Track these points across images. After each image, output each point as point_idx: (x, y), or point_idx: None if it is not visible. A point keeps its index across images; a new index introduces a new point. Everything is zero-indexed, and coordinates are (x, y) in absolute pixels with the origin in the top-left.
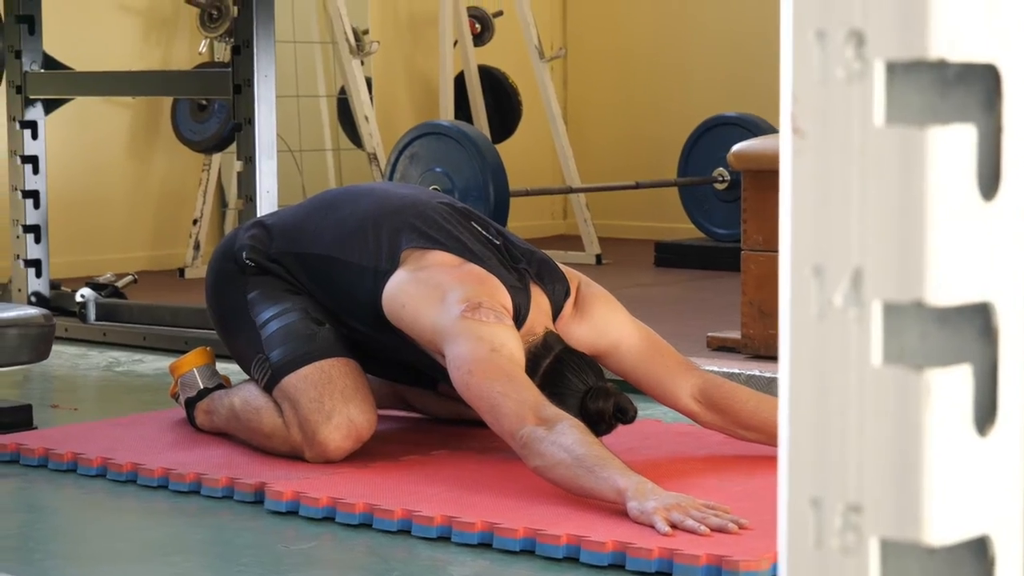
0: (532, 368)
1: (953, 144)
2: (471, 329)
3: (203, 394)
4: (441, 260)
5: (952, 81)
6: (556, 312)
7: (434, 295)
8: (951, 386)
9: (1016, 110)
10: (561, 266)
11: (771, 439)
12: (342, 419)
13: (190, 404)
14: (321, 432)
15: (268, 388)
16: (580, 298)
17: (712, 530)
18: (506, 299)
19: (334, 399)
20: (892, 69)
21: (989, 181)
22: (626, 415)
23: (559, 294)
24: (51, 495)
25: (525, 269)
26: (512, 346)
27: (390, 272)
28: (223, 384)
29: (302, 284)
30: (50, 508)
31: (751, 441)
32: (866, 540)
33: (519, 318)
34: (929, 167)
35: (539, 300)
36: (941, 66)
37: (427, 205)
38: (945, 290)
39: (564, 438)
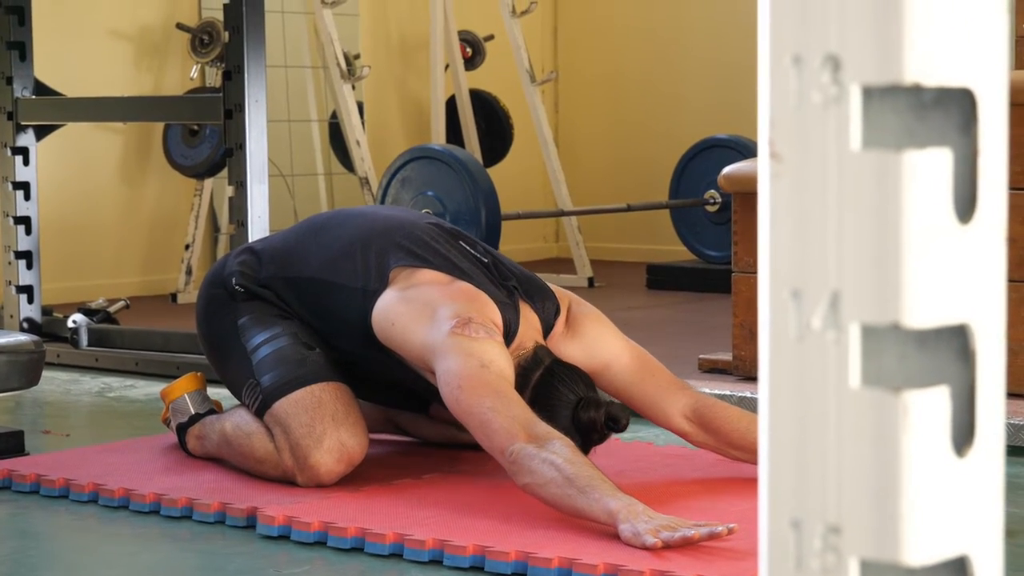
0: (522, 382)
1: (929, 167)
2: (461, 345)
3: (194, 419)
4: (430, 278)
5: (928, 105)
6: (547, 330)
7: (424, 312)
8: (929, 407)
9: (992, 133)
10: (552, 286)
11: None
12: (333, 443)
13: (181, 430)
14: (312, 456)
15: (259, 413)
16: (571, 317)
17: (702, 537)
18: (496, 315)
19: (325, 423)
20: (868, 93)
21: (965, 204)
22: (618, 423)
23: (549, 311)
24: (43, 521)
25: (514, 287)
26: (502, 363)
27: (379, 292)
28: (214, 409)
29: (292, 308)
30: (42, 534)
31: (742, 461)
32: (846, 561)
33: (509, 334)
34: (905, 190)
35: (528, 317)
36: (917, 90)
37: (415, 225)
38: (922, 312)
39: (555, 456)
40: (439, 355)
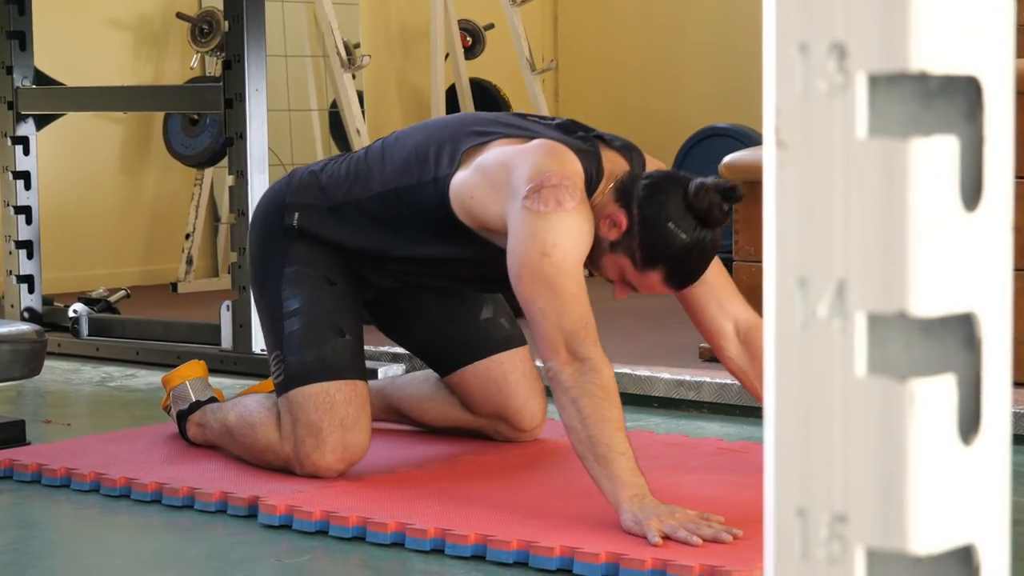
0: (625, 199)
1: (935, 155)
2: (528, 223)
3: (195, 407)
4: (503, 143)
5: (934, 93)
6: None
7: (499, 177)
8: (935, 396)
9: (998, 121)
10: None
11: None
12: (336, 445)
13: (182, 417)
14: (314, 456)
15: (279, 390)
16: None
17: (705, 540)
18: (575, 165)
19: (332, 426)
20: (874, 81)
21: (971, 192)
22: (734, 192)
23: (637, 163)
24: (44, 511)
25: (595, 136)
26: (568, 243)
27: (452, 175)
28: (215, 398)
29: (361, 238)
30: (44, 524)
31: (761, 402)
32: (852, 550)
33: (591, 183)
34: (912, 178)
35: (614, 160)
36: (923, 78)
37: (481, 115)
38: (928, 301)
39: (584, 400)
40: (511, 230)
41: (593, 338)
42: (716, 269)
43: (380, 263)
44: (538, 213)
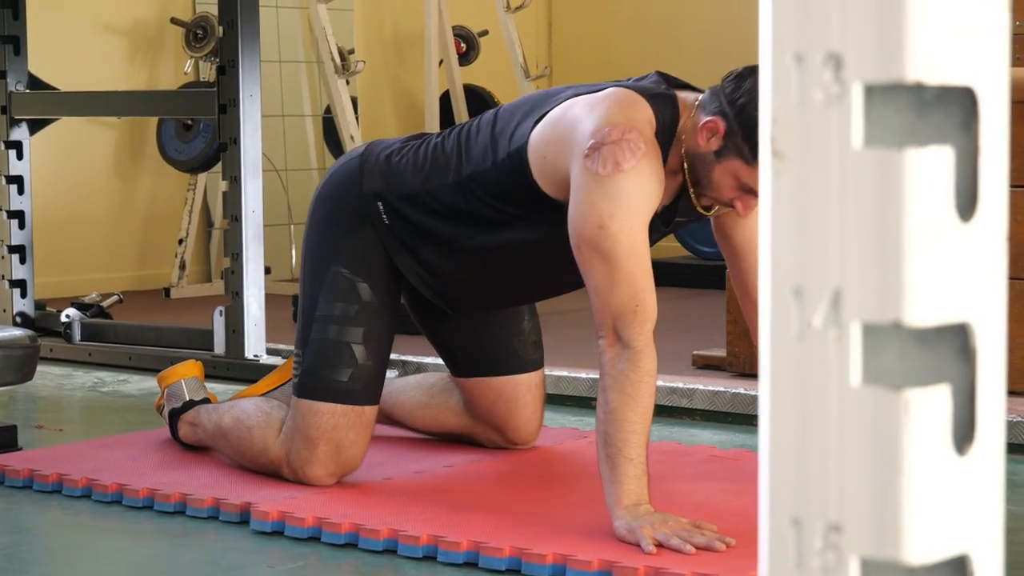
0: (713, 104)
1: (931, 166)
2: (587, 189)
3: (188, 406)
4: (573, 96)
5: (930, 103)
6: None
7: (566, 131)
8: (930, 406)
9: (993, 132)
10: None
11: None
12: (329, 463)
13: (174, 415)
14: (306, 467)
15: (294, 389)
16: None
17: (698, 548)
18: (644, 112)
19: (330, 447)
20: (870, 92)
21: (967, 202)
22: None
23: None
24: (36, 516)
25: (671, 80)
26: (625, 211)
27: (528, 141)
28: (208, 399)
29: (428, 228)
30: (35, 529)
31: None
32: (846, 559)
33: (664, 127)
34: (907, 189)
35: (691, 98)
36: (919, 89)
37: (558, 88)
38: (923, 311)
39: (611, 393)
40: (572, 188)
41: (642, 322)
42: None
43: (452, 253)
44: (597, 176)
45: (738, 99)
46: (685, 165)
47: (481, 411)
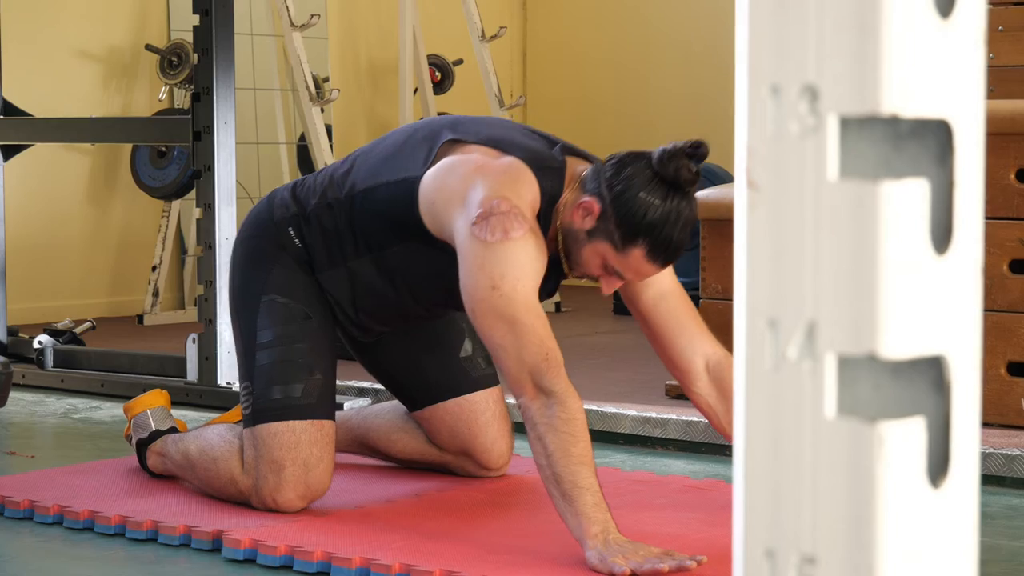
0: (592, 183)
1: (906, 198)
2: (476, 254)
3: (155, 436)
4: (474, 150)
5: (905, 136)
6: None
7: (460, 189)
8: (904, 438)
9: (968, 165)
10: None
11: None
12: (299, 484)
13: (142, 445)
14: (275, 493)
15: (245, 421)
16: None
17: (672, 569)
18: (532, 189)
19: (296, 465)
20: (845, 124)
21: (942, 235)
22: (700, 148)
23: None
24: (7, 543)
25: (566, 147)
26: (516, 273)
27: (426, 172)
28: (176, 428)
29: (339, 246)
30: (6, 556)
31: (727, 437)
32: None
33: (547, 204)
34: (882, 221)
35: (581, 165)
36: (894, 121)
37: (465, 117)
38: (898, 343)
39: (549, 437)
40: (460, 256)
41: (556, 369)
42: (685, 304)
43: (349, 271)
44: (486, 243)
45: (616, 185)
46: (559, 237)
47: (444, 439)
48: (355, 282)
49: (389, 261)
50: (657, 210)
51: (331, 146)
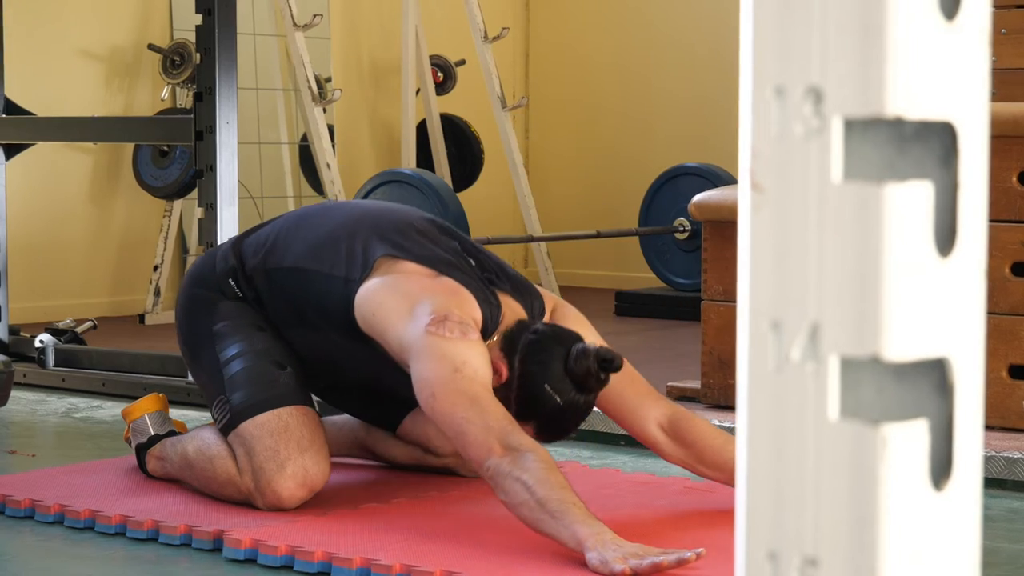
0: (510, 348)
1: (910, 200)
2: (434, 347)
3: (153, 440)
4: (413, 270)
5: (909, 138)
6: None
7: (403, 305)
8: (907, 440)
9: (972, 167)
10: (537, 287)
11: (733, 479)
12: (297, 468)
13: (141, 450)
14: (275, 481)
15: (226, 431)
16: (556, 318)
17: (671, 564)
18: (475, 311)
19: (289, 448)
20: (850, 126)
21: (946, 237)
22: (612, 364)
23: (535, 308)
24: (8, 542)
25: (498, 282)
26: (476, 362)
27: (362, 280)
28: (174, 431)
29: (273, 306)
30: (7, 555)
31: (711, 479)
32: None
33: (488, 330)
34: (886, 223)
35: (513, 307)
36: (898, 123)
37: (403, 219)
38: (901, 345)
39: (526, 476)
40: (414, 355)
41: (519, 428)
42: (628, 378)
43: (281, 336)
44: (444, 338)
45: (527, 364)
46: None
47: (438, 443)
48: (292, 345)
49: (319, 337)
50: (556, 404)
51: (333, 146)
